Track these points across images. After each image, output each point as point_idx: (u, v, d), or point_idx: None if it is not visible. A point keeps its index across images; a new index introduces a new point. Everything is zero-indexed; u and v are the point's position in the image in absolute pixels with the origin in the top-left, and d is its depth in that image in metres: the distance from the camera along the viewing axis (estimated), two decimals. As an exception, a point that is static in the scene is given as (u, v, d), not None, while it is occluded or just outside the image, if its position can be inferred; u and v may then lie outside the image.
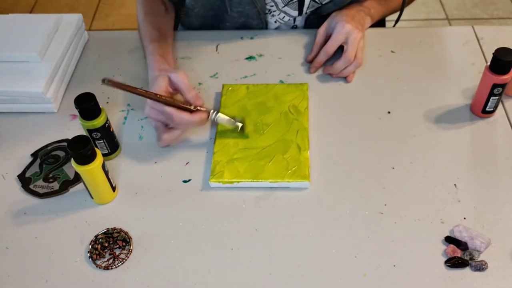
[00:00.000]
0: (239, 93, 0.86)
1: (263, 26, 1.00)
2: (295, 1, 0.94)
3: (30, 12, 2.43)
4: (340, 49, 0.90)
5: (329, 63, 0.91)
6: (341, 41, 0.88)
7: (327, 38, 0.92)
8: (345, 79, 0.89)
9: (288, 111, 0.83)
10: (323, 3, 0.94)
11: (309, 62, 0.93)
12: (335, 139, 0.81)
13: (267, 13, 0.98)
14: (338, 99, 0.87)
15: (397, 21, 1.01)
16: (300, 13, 0.97)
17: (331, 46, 0.89)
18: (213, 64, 0.94)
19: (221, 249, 0.68)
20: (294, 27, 1.02)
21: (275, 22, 1.01)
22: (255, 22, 0.99)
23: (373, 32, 0.99)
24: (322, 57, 0.90)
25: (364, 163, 0.77)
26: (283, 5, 0.95)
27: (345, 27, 0.87)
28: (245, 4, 0.93)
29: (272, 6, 0.96)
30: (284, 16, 0.99)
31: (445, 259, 0.66)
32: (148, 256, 0.68)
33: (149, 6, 0.95)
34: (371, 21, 0.97)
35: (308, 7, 0.96)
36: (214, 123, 0.82)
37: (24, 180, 0.77)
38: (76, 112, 0.85)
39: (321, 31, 0.92)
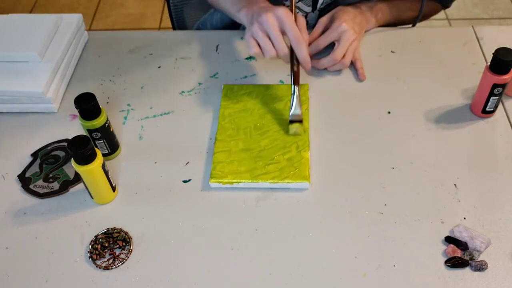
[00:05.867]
0: (239, 93, 0.86)
1: None
2: None
3: (30, 12, 2.43)
4: (332, 45, 0.90)
5: (318, 56, 0.90)
6: (333, 39, 0.88)
7: (326, 30, 0.92)
8: (358, 76, 0.89)
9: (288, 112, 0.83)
10: None
11: None
12: (335, 139, 0.81)
13: None
14: (338, 99, 0.87)
15: (414, 23, 1.01)
16: (313, 9, 0.97)
17: (323, 41, 0.89)
18: (213, 64, 0.94)
19: (221, 249, 0.68)
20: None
21: None
22: None
23: (373, 32, 0.99)
24: (312, 50, 0.90)
25: (364, 163, 0.77)
26: (298, 1, 0.95)
27: (341, 26, 0.87)
28: None
29: (286, 1, 0.96)
30: (297, 12, 0.98)
31: (445, 259, 0.66)
32: (148, 256, 0.68)
33: None
34: (375, 24, 0.96)
35: (322, 3, 0.95)
36: (214, 123, 0.82)
37: (24, 180, 0.77)
38: (76, 112, 0.86)
39: (323, 21, 0.92)
